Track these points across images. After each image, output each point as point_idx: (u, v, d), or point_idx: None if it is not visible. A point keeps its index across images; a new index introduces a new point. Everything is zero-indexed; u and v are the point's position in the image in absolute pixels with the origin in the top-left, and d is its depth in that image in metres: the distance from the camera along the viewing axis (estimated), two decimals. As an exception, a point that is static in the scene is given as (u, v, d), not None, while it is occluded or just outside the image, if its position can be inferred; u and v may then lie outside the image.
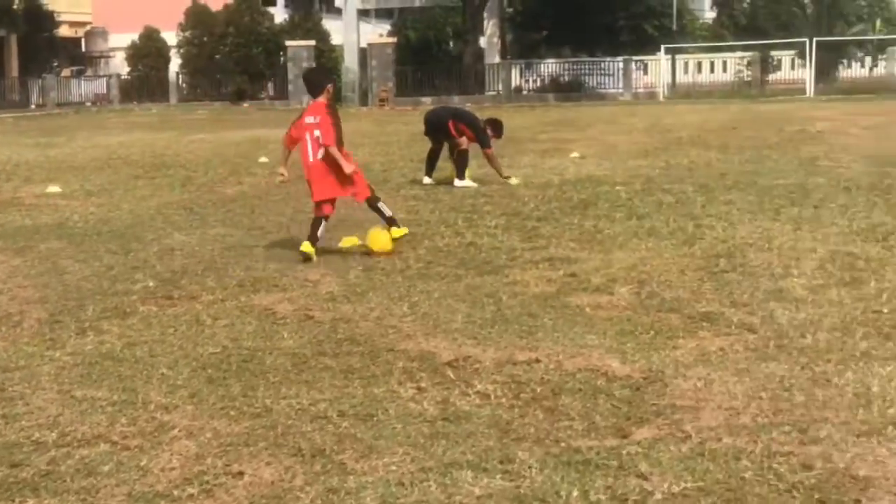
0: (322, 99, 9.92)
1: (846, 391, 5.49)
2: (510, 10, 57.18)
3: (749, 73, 50.32)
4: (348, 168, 9.71)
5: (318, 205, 9.90)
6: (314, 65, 44.07)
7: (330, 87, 10.10)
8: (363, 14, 57.31)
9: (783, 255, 9.21)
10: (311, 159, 9.81)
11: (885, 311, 7.21)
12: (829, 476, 4.41)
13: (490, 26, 53.42)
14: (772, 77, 51.05)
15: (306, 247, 9.62)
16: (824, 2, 49.83)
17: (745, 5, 55.63)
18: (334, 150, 9.68)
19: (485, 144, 15.10)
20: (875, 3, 52.25)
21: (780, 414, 5.16)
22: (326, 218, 9.89)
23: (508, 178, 15.24)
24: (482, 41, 53.34)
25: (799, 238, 10.05)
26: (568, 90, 49.58)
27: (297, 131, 9.95)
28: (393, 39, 52.18)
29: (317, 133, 9.70)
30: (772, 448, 4.70)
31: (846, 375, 5.75)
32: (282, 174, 10.41)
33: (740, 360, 6.13)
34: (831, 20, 49.72)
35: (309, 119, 9.82)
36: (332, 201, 9.97)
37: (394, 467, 4.64)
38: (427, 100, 44.20)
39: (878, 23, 51.27)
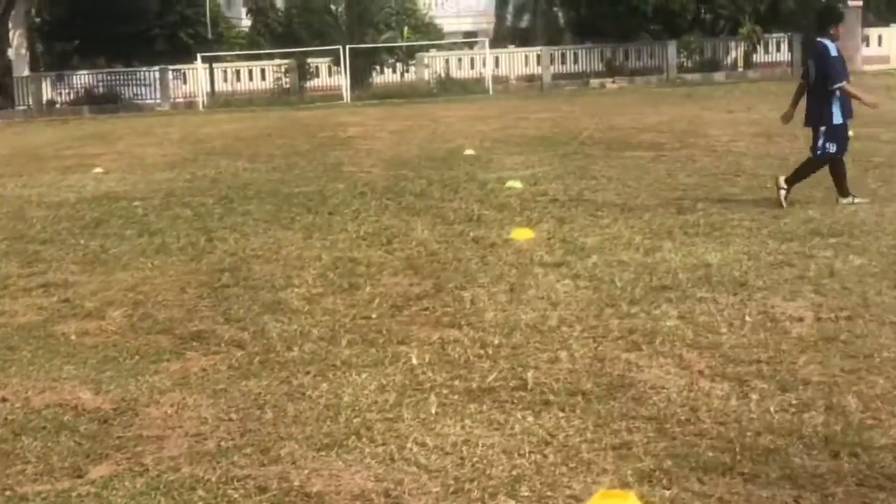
0: None
1: (318, 403, 5.47)
2: (38, 19, 54.43)
3: (287, 80, 50.94)
4: None
5: None
6: None
7: None
8: None
9: (288, 265, 9.21)
10: None
11: (374, 316, 7.33)
12: (283, 497, 4.34)
13: (16, 37, 50.60)
14: (310, 84, 51.87)
15: None
16: (355, 10, 51.34)
17: (279, 14, 56.21)
18: None
19: None
20: (402, 11, 54.44)
21: (247, 435, 5.05)
22: None
23: None
24: (10, 53, 50.47)
25: (307, 246, 10.10)
26: (104, 102, 47.89)
27: None
28: None
29: None
30: (231, 473, 4.58)
31: (322, 387, 5.73)
32: None
33: (221, 379, 5.99)
34: (362, 28, 51.24)
35: None
36: None
37: None
38: (-50, 117, 41.24)
39: (406, 30, 53.43)
